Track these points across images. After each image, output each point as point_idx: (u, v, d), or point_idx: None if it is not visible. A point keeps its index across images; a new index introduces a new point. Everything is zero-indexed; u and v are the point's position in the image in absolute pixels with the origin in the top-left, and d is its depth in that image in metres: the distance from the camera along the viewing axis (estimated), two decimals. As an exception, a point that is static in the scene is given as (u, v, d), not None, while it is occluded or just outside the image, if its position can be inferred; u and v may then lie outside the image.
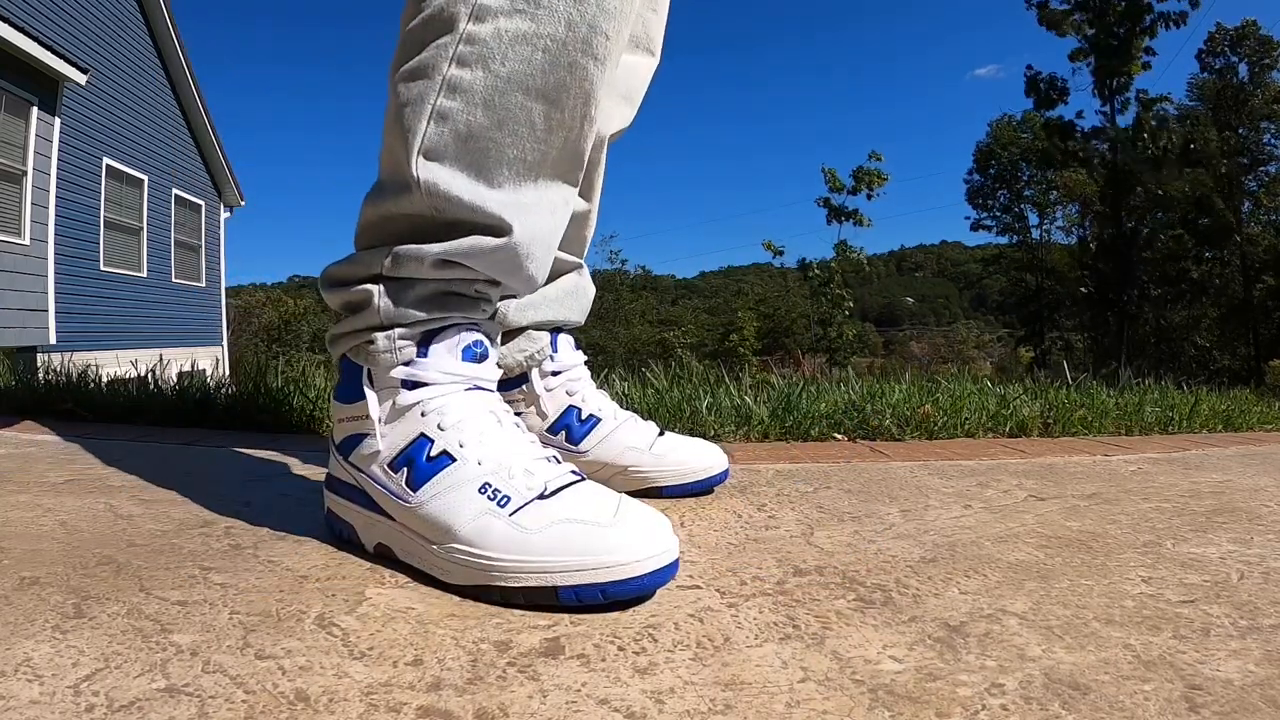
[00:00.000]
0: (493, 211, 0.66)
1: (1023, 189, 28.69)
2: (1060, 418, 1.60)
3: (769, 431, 1.44)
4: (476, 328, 0.70)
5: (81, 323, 8.69)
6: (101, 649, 0.49)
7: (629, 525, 0.58)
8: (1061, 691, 0.46)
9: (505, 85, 0.65)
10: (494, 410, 0.67)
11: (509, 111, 0.66)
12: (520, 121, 0.66)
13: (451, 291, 0.69)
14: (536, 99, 0.66)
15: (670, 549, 0.59)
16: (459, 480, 0.62)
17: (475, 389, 0.68)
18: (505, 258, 0.68)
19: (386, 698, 0.44)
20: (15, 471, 1.00)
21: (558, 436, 0.93)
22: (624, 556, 0.56)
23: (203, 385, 1.68)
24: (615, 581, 0.56)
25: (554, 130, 0.68)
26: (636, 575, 0.56)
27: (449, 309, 0.69)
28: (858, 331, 20.26)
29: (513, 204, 0.67)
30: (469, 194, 0.66)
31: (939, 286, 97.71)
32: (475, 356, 0.69)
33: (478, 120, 0.65)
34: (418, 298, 0.68)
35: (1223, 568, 0.69)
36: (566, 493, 0.61)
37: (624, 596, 0.57)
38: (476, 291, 0.70)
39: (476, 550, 0.59)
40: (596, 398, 0.96)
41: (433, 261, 0.67)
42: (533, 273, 0.71)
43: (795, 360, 8.55)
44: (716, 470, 0.93)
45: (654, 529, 0.59)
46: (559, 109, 0.67)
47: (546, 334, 0.96)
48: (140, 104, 10.54)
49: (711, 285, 79.55)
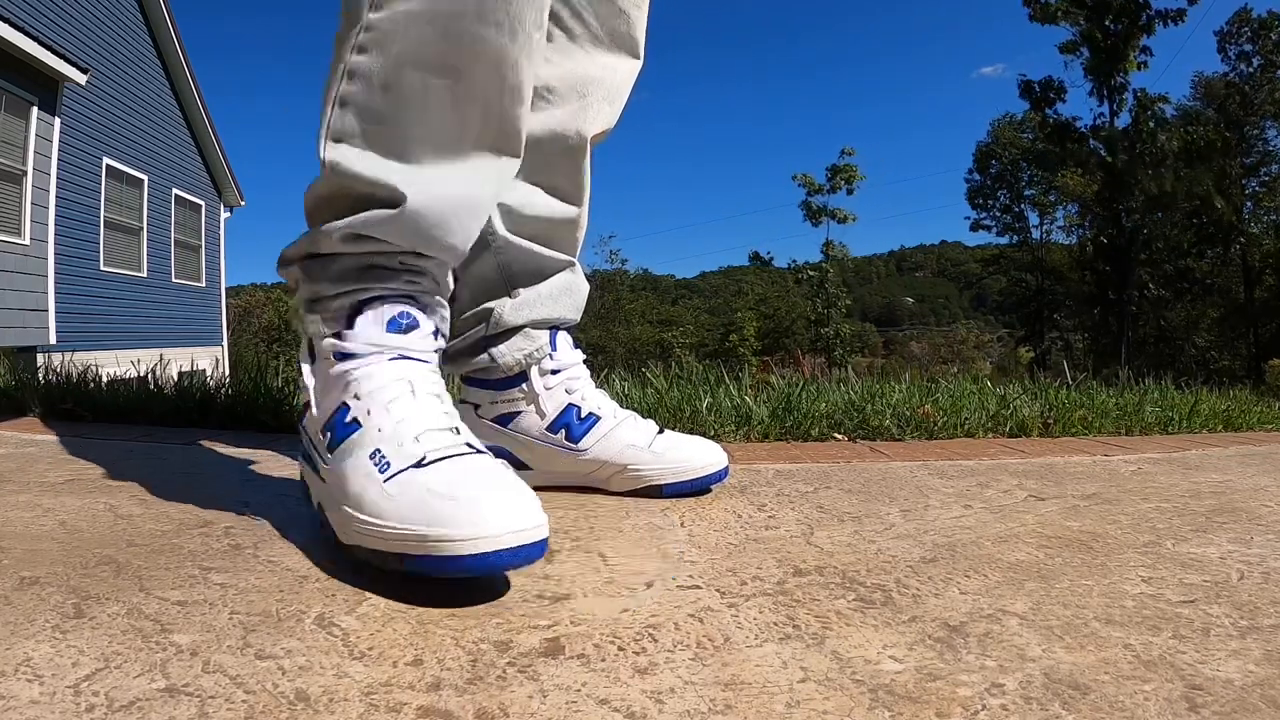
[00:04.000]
0: (390, 183, 0.69)
1: (1023, 189, 28.70)
2: (1060, 418, 1.60)
3: (769, 432, 1.44)
4: (406, 300, 0.73)
5: (81, 323, 8.69)
6: (101, 649, 0.49)
7: (485, 502, 0.58)
8: (1061, 691, 0.46)
9: (401, 64, 0.68)
10: (411, 379, 0.69)
11: (409, 89, 0.69)
12: (422, 97, 0.69)
13: (374, 265, 0.72)
14: (436, 74, 0.69)
15: (530, 528, 0.57)
16: (357, 445, 0.66)
17: (401, 358, 0.70)
18: (410, 226, 0.71)
19: (386, 698, 0.44)
20: (15, 471, 1.00)
21: (558, 435, 0.93)
22: (466, 533, 0.55)
23: (203, 385, 1.68)
24: (452, 557, 0.56)
25: (464, 103, 0.70)
26: (474, 553, 0.55)
27: (368, 281, 0.72)
28: (856, 330, 20.30)
29: (417, 176, 0.70)
30: (369, 170, 0.70)
31: (939, 286, 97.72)
32: (401, 327, 0.71)
33: (377, 102, 0.69)
34: (338, 272, 0.72)
35: (1223, 568, 0.69)
36: (443, 464, 0.62)
37: (462, 574, 0.56)
38: (401, 264, 0.73)
39: (353, 512, 0.62)
40: (596, 396, 0.96)
41: (340, 236, 0.71)
42: (451, 241, 0.74)
43: (795, 360, 8.55)
44: (715, 468, 0.93)
45: (515, 507, 0.58)
46: (464, 81, 0.69)
47: (545, 333, 0.96)
48: (140, 104, 10.54)
49: (711, 285, 79.56)
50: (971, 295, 68.67)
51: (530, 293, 0.95)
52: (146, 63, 10.85)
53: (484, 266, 0.96)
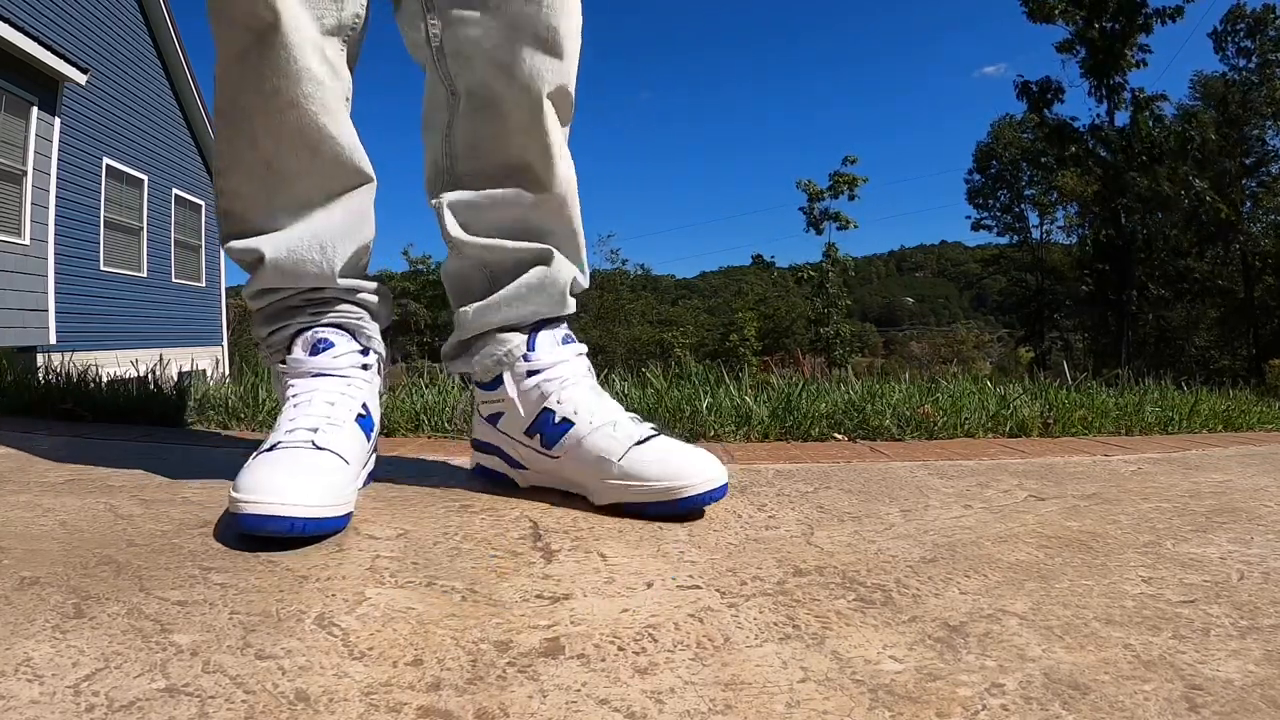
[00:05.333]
0: (252, 248, 0.91)
1: (1023, 189, 28.70)
2: (1060, 418, 1.60)
3: (769, 431, 1.44)
4: (316, 327, 0.92)
5: (81, 323, 8.69)
6: (101, 649, 0.49)
7: (257, 467, 0.71)
8: (1061, 691, 0.46)
9: (237, 154, 0.91)
10: (321, 388, 0.87)
11: (247, 186, 0.92)
12: (257, 186, 0.92)
13: (284, 306, 0.93)
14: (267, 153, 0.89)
15: (266, 499, 0.67)
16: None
17: (319, 375, 0.88)
18: (276, 272, 0.91)
19: (386, 698, 0.44)
20: (15, 471, 1.00)
21: (534, 439, 0.89)
22: (241, 494, 0.68)
23: (203, 385, 1.68)
24: (235, 515, 0.68)
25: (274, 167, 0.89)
26: (243, 513, 0.67)
27: (281, 321, 0.93)
28: (856, 330, 20.37)
29: (270, 236, 0.91)
30: (241, 247, 0.92)
31: (939, 286, 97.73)
32: (315, 350, 0.90)
33: (234, 205, 0.94)
34: (264, 317, 0.94)
35: (1223, 568, 0.69)
36: (278, 449, 0.76)
37: (242, 530, 0.68)
38: (302, 300, 0.93)
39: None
40: (578, 398, 0.89)
41: (249, 295, 0.94)
42: (315, 270, 0.91)
43: (796, 360, 8.54)
44: (697, 489, 0.79)
45: (269, 476, 0.69)
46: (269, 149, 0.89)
47: (517, 335, 0.92)
48: (140, 104, 10.53)
49: (711, 285, 79.55)
50: (971, 295, 68.69)
51: (498, 295, 0.92)
52: (146, 63, 10.85)
53: (453, 268, 0.97)
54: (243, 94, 0.88)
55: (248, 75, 0.86)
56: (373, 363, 0.94)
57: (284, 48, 0.84)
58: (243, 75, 0.87)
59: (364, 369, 0.92)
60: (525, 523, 0.79)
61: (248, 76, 0.86)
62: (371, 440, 0.90)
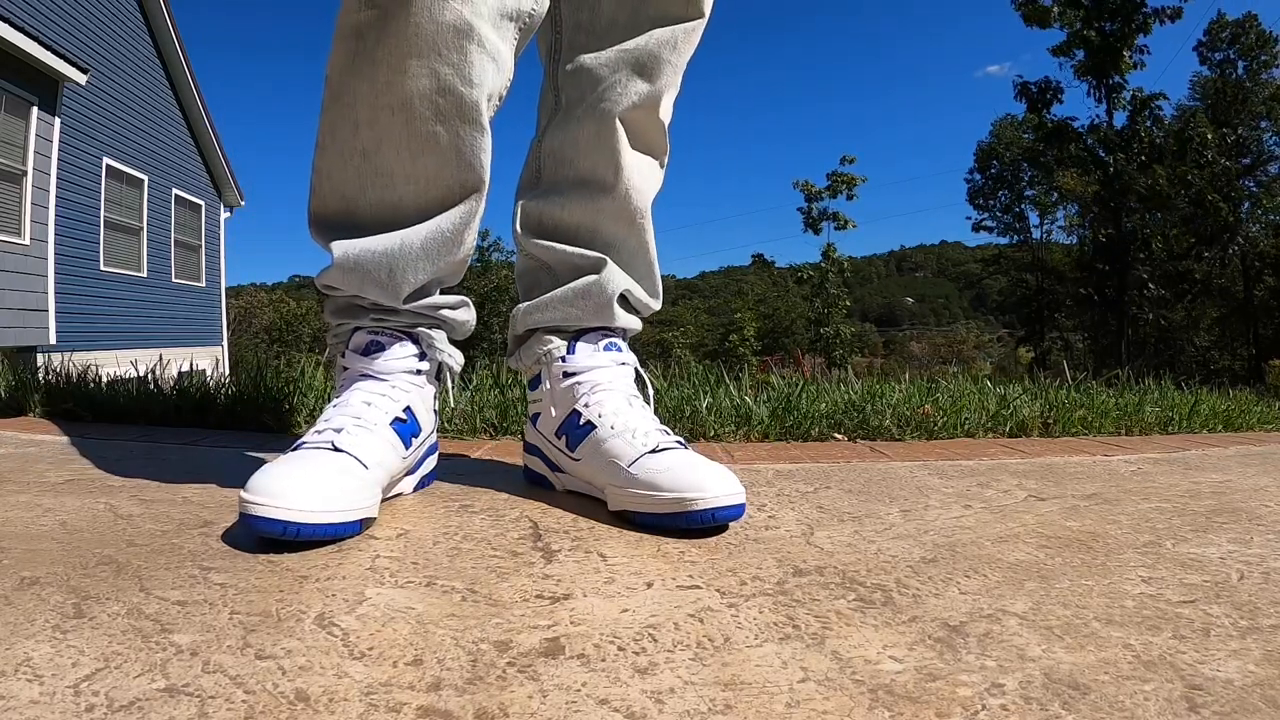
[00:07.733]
0: (325, 243, 0.88)
1: (1024, 189, 28.69)
2: (1060, 418, 1.60)
3: (769, 432, 1.44)
4: (369, 330, 0.89)
5: (81, 323, 8.69)
6: (101, 649, 0.49)
7: (271, 467, 0.72)
8: (1061, 691, 0.46)
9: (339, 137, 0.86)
10: (360, 389, 0.86)
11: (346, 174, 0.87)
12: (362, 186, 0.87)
13: (352, 304, 0.91)
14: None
15: (265, 501, 0.67)
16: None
17: (365, 377, 0.87)
18: (341, 276, 0.87)
19: (386, 698, 0.44)
20: (15, 471, 1.00)
21: (561, 440, 0.91)
22: (246, 494, 0.68)
23: (203, 385, 1.68)
24: (241, 515, 0.68)
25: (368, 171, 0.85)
26: (245, 514, 0.68)
27: (345, 317, 0.91)
28: (856, 330, 20.40)
29: (344, 242, 0.86)
30: (317, 234, 0.90)
31: (939, 286, 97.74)
32: (367, 351, 0.89)
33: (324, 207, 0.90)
34: (334, 307, 0.93)
35: (1223, 568, 0.69)
36: (300, 449, 0.77)
37: (253, 531, 0.68)
38: (365, 304, 0.90)
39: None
40: (606, 403, 0.89)
41: (320, 282, 0.91)
42: (378, 291, 0.87)
43: (796, 360, 8.55)
44: (702, 503, 0.75)
45: (276, 478, 0.70)
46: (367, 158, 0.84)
47: (557, 338, 0.95)
48: (140, 104, 10.53)
49: (711, 285, 79.58)
50: (971, 295, 68.67)
51: (546, 297, 0.96)
52: (146, 63, 10.85)
53: (521, 267, 1.02)
54: (352, 77, 0.81)
55: (361, 59, 0.80)
56: (428, 368, 0.90)
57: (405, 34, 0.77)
58: (356, 57, 0.80)
59: (417, 374, 0.89)
60: (525, 523, 0.79)
61: (361, 61, 0.80)
62: (414, 445, 0.86)
